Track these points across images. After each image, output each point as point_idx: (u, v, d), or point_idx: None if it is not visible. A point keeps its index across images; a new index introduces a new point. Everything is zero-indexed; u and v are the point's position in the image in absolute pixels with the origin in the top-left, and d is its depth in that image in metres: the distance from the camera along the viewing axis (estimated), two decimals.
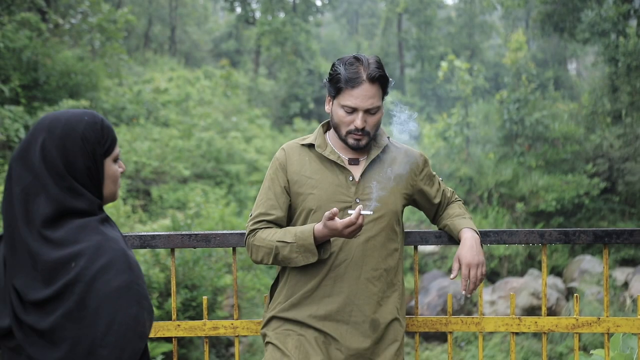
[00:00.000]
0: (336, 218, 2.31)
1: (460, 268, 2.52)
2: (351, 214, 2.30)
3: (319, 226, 2.39)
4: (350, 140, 2.49)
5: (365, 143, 2.50)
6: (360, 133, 2.47)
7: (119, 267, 1.74)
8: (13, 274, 1.78)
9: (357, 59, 2.47)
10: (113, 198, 1.93)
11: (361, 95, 2.43)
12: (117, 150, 1.90)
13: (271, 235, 2.48)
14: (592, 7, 16.65)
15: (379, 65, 2.47)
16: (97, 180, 1.85)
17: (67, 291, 1.72)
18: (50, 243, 1.74)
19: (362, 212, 2.30)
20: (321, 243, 2.44)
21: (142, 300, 1.77)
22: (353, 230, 2.32)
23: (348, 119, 2.47)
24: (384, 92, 2.51)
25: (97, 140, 1.83)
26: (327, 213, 2.32)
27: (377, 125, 2.51)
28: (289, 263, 2.48)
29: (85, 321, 1.72)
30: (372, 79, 2.43)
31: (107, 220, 1.86)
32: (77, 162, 1.80)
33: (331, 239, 2.46)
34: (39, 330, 1.74)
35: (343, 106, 2.46)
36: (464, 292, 2.53)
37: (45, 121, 1.82)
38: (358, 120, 2.45)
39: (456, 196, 2.81)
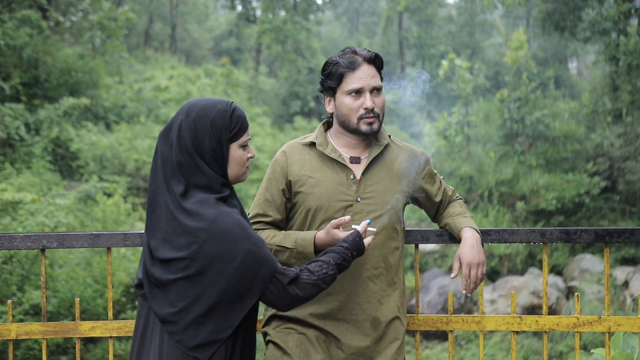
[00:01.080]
0: (341, 228, 2.32)
1: (460, 267, 2.52)
2: (355, 228, 2.31)
3: (320, 234, 2.40)
4: (364, 127, 2.50)
5: (378, 127, 2.51)
6: (371, 115, 2.48)
7: (234, 239, 2.00)
8: (150, 233, 2.09)
9: (350, 48, 2.53)
10: (239, 179, 2.19)
11: (364, 75, 2.47)
12: (245, 137, 2.15)
13: (270, 238, 2.49)
14: (593, 6, 16.63)
15: (369, 50, 2.54)
16: (222, 162, 2.10)
17: (189, 258, 2.00)
18: (184, 211, 2.03)
19: (369, 229, 2.32)
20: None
21: (257, 268, 2.03)
22: None
23: (356, 103, 2.48)
24: (381, 75, 2.55)
25: (225, 127, 2.09)
26: (334, 221, 2.33)
27: (384, 108, 2.53)
28: None
29: (202, 286, 2.01)
30: (368, 60, 2.50)
31: (228, 198, 2.11)
32: (205, 144, 2.07)
33: None
34: (160, 284, 2.05)
35: (349, 92, 2.48)
36: (464, 292, 2.53)
37: (187, 105, 2.13)
38: (367, 101, 2.47)
39: (457, 195, 2.80)
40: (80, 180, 12.84)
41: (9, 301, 2.72)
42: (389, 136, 2.64)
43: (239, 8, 29.61)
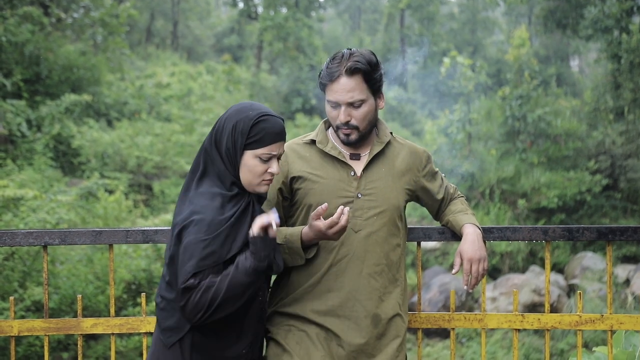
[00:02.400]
0: (321, 218, 2.32)
1: (462, 263, 2.52)
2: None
3: (305, 229, 2.41)
4: (341, 135, 2.49)
5: (356, 138, 2.48)
6: (346, 127, 2.46)
7: (196, 228, 2.08)
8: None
9: (341, 53, 2.47)
10: (253, 189, 2.24)
11: (339, 89, 2.42)
12: (263, 150, 2.19)
13: None
14: (595, 4, 16.62)
15: (363, 58, 2.43)
16: (234, 164, 2.20)
17: (173, 238, 2.15)
18: (191, 196, 2.19)
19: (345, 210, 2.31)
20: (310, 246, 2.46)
21: (181, 264, 2.08)
22: (337, 231, 2.32)
23: (334, 114, 2.47)
24: (371, 85, 2.45)
25: (242, 133, 2.17)
26: (313, 213, 2.34)
27: (365, 119, 2.47)
28: None
29: (168, 275, 2.17)
30: (349, 72, 2.40)
31: (233, 196, 2.18)
32: (222, 141, 2.20)
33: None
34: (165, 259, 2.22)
35: (328, 101, 2.47)
36: (465, 287, 2.53)
37: (238, 103, 2.27)
38: (341, 115, 2.44)
39: (459, 192, 2.80)
40: (81, 177, 12.85)
41: (11, 298, 2.72)
42: (391, 133, 2.63)
43: (241, 5, 29.62)
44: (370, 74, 2.43)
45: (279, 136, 2.21)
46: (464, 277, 2.52)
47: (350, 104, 2.43)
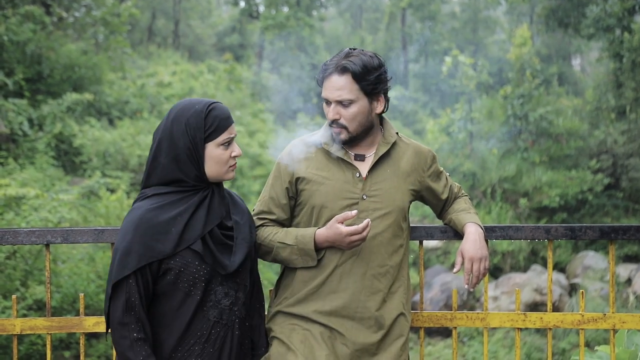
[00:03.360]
0: (344, 223, 2.32)
1: (463, 262, 2.52)
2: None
3: (321, 231, 2.40)
4: (333, 132, 2.50)
5: (345, 138, 2.47)
6: (336, 126, 2.46)
7: (123, 231, 2.13)
8: None
9: (342, 51, 2.47)
10: (221, 177, 2.25)
11: (329, 86, 2.43)
12: (223, 137, 2.20)
13: (272, 235, 2.49)
14: (597, 3, 16.61)
15: (358, 59, 2.41)
16: (197, 161, 2.17)
17: None
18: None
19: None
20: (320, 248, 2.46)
21: (118, 263, 2.10)
22: (355, 241, 2.34)
23: (327, 109, 2.48)
24: (364, 87, 2.42)
25: (198, 127, 2.16)
26: (339, 215, 2.34)
27: (354, 120, 2.44)
28: (288, 264, 2.50)
29: None
30: (340, 70, 2.40)
31: (174, 192, 2.18)
32: (179, 142, 2.15)
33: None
34: None
35: (322, 97, 2.48)
36: (466, 286, 2.52)
37: (174, 106, 2.24)
38: (330, 112, 2.45)
39: (463, 192, 2.79)
40: (83, 176, 12.85)
41: (14, 296, 2.72)
42: (397, 133, 2.62)
43: (242, 4, 29.63)
44: (362, 76, 2.40)
45: (230, 119, 2.24)
46: (465, 276, 2.52)
47: (339, 102, 2.43)
